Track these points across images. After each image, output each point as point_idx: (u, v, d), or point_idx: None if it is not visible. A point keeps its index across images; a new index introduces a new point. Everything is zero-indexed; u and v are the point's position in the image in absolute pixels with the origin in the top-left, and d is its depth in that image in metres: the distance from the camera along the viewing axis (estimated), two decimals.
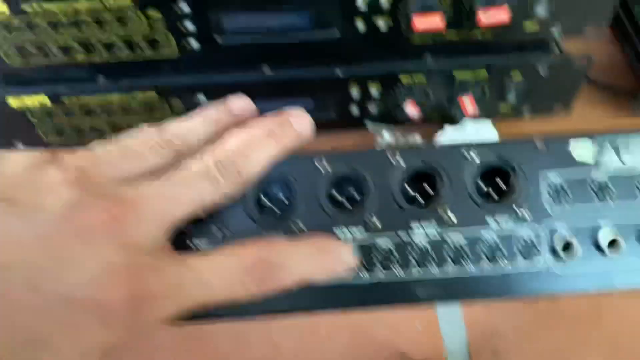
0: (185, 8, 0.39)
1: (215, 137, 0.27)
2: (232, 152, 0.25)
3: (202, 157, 0.25)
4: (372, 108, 0.47)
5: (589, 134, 0.27)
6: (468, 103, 0.46)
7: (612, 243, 0.26)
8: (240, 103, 0.29)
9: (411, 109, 0.45)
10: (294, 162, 0.27)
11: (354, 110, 0.47)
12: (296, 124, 0.27)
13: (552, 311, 0.43)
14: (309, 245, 0.25)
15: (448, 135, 0.46)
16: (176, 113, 0.46)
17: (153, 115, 0.45)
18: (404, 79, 0.44)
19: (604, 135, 0.27)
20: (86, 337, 0.21)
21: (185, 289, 0.22)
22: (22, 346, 0.20)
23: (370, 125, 0.48)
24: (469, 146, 0.26)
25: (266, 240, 0.25)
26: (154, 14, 0.39)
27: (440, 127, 0.49)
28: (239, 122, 0.29)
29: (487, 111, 0.48)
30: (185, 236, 0.26)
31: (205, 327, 0.43)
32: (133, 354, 0.43)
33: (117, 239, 0.21)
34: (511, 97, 0.46)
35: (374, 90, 0.45)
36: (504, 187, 0.26)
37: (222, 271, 0.23)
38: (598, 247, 0.26)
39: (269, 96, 0.43)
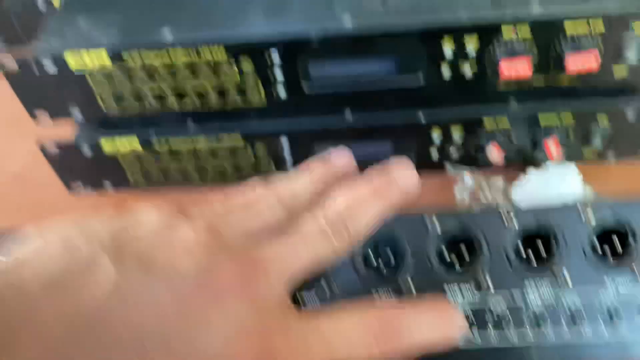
0: (275, 58, 0.41)
1: (320, 188, 0.28)
2: (342, 212, 0.26)
3: (314, 216, 0.26)
4: (453, 152, 0.47)
5: None
6: (552, 146, 0.45)
7: None
8: (343, 160, 0.30)
9: (494, 153, 0.45)
10: (403, 219, 0.27)
11: (434, 154, 0.47)
12: (401, 180, 0.28)
13: None
14: (429, 308, 0.25)
15: (532, 180, 0.46)
16: (259, 157, 0.47)
17: (238, 160, 0.47)
18: (488, 123, 0.44)
19: None
20: None
21: (310, 350, 0.23)
22: None
23: (450, 168, 0.48)
24: (585, 205, 0.26)
25: (389, 303, 0.25)
26: (247, 64, 0.41)
27: (522, 170, 0.49)
28: (341, 175, 0.30)
29: (571, 155, 0.47)
30: (295, 288, 0.26)
31: None
32: None
33: (248, 300, 0.22)
34: (597, 141, 0.45)
35: (456, 134, 0.45)
36: (619, 249, 0.26)
37: (347, 332, 0.23)
38: None
39: (349, 140, 0.44)
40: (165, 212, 0.24)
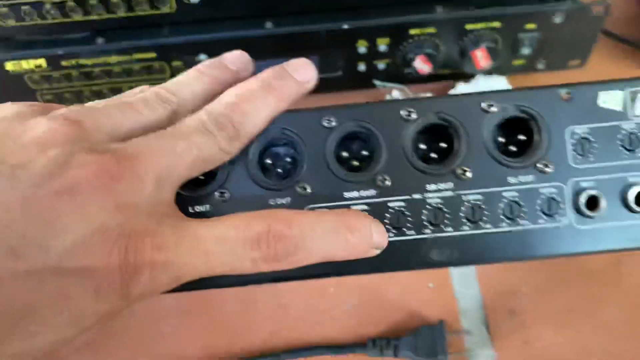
0: None
1: (213, 96, 0.26)
2: (227, 106, 0.23)
3: (197, 112, 0.24)
4: (381, 64, 0.45)
5: (618, 82, 0.25)
6: (481, 56, 0.44)
7: None
8: (233, 55, 0.27)
9: (421, 64, 0.44)
10: (298, 119, 0.25)
11: (361, 66, 0.45)
12: (296, 73, 0.25)
13: (570, 268, 0.42)
14: (334, 218, 0.22)
15: (461, 92, 0.45)
16: (175, 74, 0.44)
17: (154, 77, 0.44)
18: (414, 31, 0.42)
19: (633, 81, 0.24)
20: (77, 307, 0.19)
21: (184, 258, 0.20)
22: (7, 317, 0.18)
23: (379, 84, 0.47)
24: (487, 95, 0.24)
25: (282, 211, 0.22)
26: None
27: (452, 86, 0.48)
28: (238, 81, 0.27)
29: (500, 66, 0.46)
30: (187, 203, 0.24)
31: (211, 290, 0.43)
32: (137, 319, 0.42)
33: (109, 198, 0.19)
34: (525, 49, 0.44)
35: (382, 44, 0.43)
36: (524, 139, 0.25)
37: (227, 241, 0.21)
38: (625, 204, 0.24)
39: (273, 53, 0.41)
40: (25, 105, 0.22)
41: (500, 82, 0.47)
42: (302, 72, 0.26)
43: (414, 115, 0.24)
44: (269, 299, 0.42)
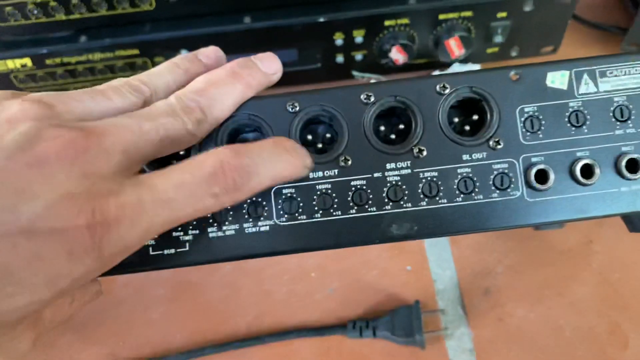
0: None
1: (181, 81, 0.27)
2: (195, 91, 0.25)
3: (167, 98, 0.25)
4: (358, 55, 0.46)
5: (565, 63, 0.26)
6: (454, 45, 0.45)
7: (587, 171, 0.25)
8: (208, 49, 0.29)
9: (397, 54, 0.45)
10: (264, 104, 0.26)
11: (339, 58, 0.47)
12: (261, 63, 0.27)
13: (542, 248, 0.43)
14: (273, 143, 0.25)
15: None
16: None
17: (137, 74, 0.45)
18: (388, 22, 0.44)
19: (578, 62, 0.26)
20: (52, 269, 0.20)
21: (147, 209, 0.22)
22: None
23: (357, 74, 0.48)
24: (441, 77, 0.26)
25: (228, 146, 0.24)
26: None
27: (428, 74, 0.49)
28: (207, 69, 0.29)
29: (475, 54, 0.47)
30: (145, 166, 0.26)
31: (196, 277, 0.44)
32: (126, 307, 0.43)
33: (76, 168, 0.21)
34: (498, 37, 0.46)
35: (358, 36, 0.45)
36: (477, 119, 0.26)
37: (185, 185, 0.22)
38: (573, 177, 0.25)
39: (252, 47, 0.43)
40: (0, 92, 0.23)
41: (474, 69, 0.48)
42: (267, 63, 0.27)
43: (372, 99, 0.26)
44: (253, 285, 0.43)
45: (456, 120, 0.27)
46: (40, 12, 0.41)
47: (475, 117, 0.27)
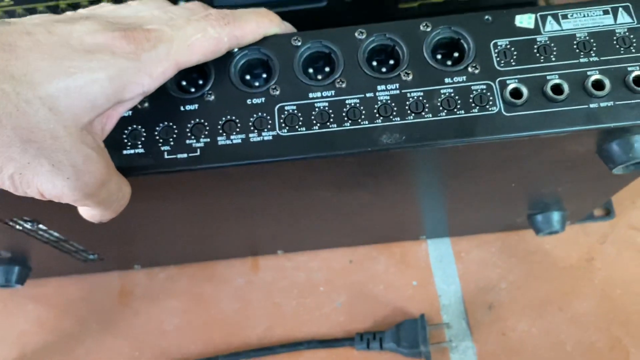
0: None
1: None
2: (228, 14, 0.29)
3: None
4: None
5: (530, 9, 0.30)
6: None
7: (557, 90, 0.28)
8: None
9: None
10: (272, 40, 0.30)
11: None
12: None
13: (544, 264, 0.44)
14: (251, 11, 0.30)
15: None
16: None
17: None
18: None
19: (542, 8, 0.30)
20: (104, 60, 0.25)
21: (174, 41, 0.26)
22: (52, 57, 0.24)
23: None
24: (425, 20, 0.30)
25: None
26: None
27: None
28: None
29: None
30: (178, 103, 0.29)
31: (208, 290, 0.46)
32: (141, 319, 0.45)
33: (124, 41, 0.26)
34: None
35: None
36: (458, 56, 0.30)
37: (200, 28, 0.27)
38: (544, 94, 0.28)
39: None
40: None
41: None
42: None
43: (364, 36, 0.30)
44: (264, 298, 0.45)
45: (439, 57, 0.31)
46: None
47: (456, 54, 0.30)
